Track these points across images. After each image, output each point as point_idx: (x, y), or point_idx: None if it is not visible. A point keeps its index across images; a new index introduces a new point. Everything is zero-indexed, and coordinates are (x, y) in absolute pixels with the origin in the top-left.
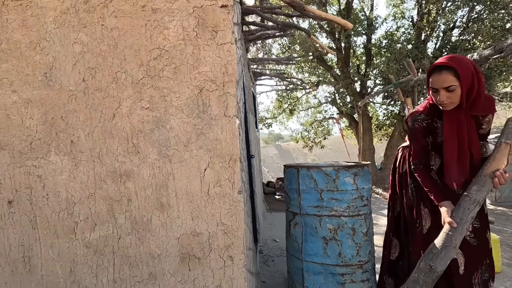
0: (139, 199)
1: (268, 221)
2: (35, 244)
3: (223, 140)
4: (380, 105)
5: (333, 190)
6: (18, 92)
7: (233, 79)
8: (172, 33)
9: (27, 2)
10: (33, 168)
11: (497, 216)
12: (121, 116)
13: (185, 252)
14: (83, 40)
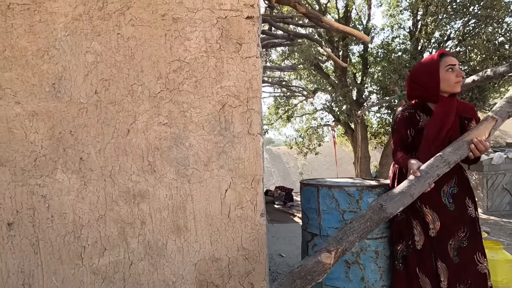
0: (154, 221)
1: (271, 234)
2: (36, 271)
3: (246, 159)
4: (375, 113)
5: (356, 211)
6: (22, 103)
7: (257, 95)
8: (193, 44)
9: (35, 6)
10: (37, 187)
11: (491, 226)
12: (136, 132)
13: (203, 279)
14: (97, 49)
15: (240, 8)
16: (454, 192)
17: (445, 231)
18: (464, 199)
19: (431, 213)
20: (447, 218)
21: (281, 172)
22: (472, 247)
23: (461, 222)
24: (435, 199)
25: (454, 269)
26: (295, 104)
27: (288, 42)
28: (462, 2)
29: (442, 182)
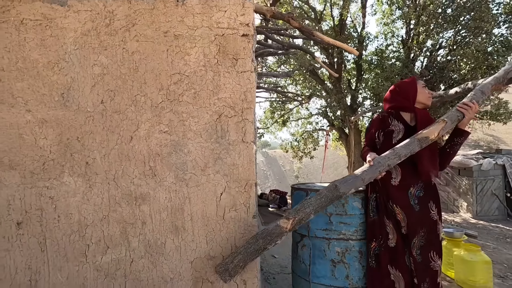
0: (154, 222)
1: None
2: (43, 267)
3: (240, 165)
4: (368, 119)
5: (342, 214)
6: (32, 111)
7: (251, 106)
8: (193, 59)
9: (46, 22)
10: (45, 189)
11: (479, 230)
12: (139, 139)
13: (199, 276)
14: (103, 62)
15: (237, 26)
16: (420, 195)
17: (411, 230)
18: (428, 202)
19: (401, 212)
20: (413, 218)
21: (277, 175)
22: (428, 246)
23: (423, 223)
24: (404, 200)
25: (418, 267)
26: (290, 108)
27: (283, 52)
28: (452, 13)
29: (409, 185)
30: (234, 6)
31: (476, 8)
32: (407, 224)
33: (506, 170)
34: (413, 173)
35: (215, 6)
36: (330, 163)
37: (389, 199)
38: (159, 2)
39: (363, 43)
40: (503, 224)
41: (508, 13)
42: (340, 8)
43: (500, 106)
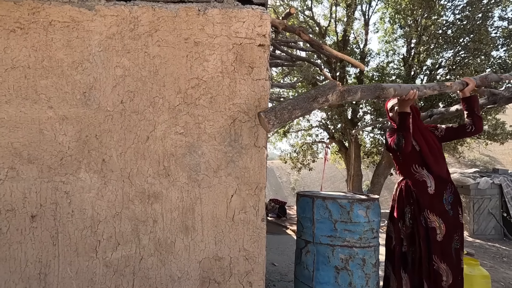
0: (165, 221)
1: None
2: (53, 261)
3: (251, 168)
4: (368, 133)
5: (347, 221)
6: (54, 108)
7: None
8: (211, 65)
9: (74, 24)
10: (61, 184)
11: (476, 249)
12: (155, 139)
13: (206, 276)
14: (125, 65)
15: (254, 37)
16: (451, 200)
17: (448, 236)
18: (457, 206)
19: (437, 219)
20: (448, 223)
21: (273, 186)
22: (461, 248)
23: (457, 227)
24: (440, 206)
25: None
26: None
27: (289, 63)
28: (453, 34)
29: (443, 191)
30: (253, 17)
31: (476, 30)
32: (445, 230)
33: (502, 189)
34: (442, 179)
35: (234, 17)
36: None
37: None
38: (181, 10)
39: (365, 59)
40: (499, 243)
41: (506, 37)
42: (344, 24)
43: (497, 127)
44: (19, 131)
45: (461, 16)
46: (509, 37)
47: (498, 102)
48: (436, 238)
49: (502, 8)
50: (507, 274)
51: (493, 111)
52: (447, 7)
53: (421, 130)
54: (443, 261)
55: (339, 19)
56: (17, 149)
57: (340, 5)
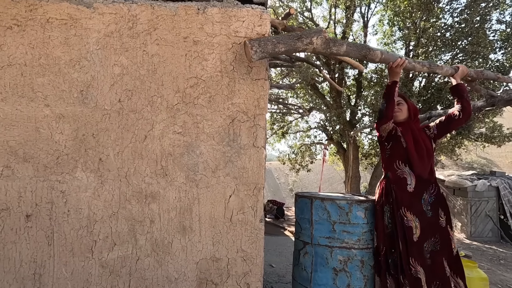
0: (162, 221)
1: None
2: (48, 261)
3: (249, 169)
4: (366, 135)
5: (346, 222)
6: (51, 106)
7: (263, 112)
8: (210, 64)
9: (72, 22)
10: (57, 183)
11: (473, 251)
12: (153, 138)
13: (203, 277)
14: (124, 63)
15: (253, 36)
16: (432, 201)
17: (422, 236)
18: (437, 209)
19: (414, 219)
20: (425, 223)
21: (271, 187)
22: (441, 253)
23: (435, 229)
24: (418, 206)
25: (431, 272)
26: (290, 120)
27: (288, 64)
28: (451, 37)
29: (423, 191)
30: (252, 17)
31: (474, 33)
32: (420, 230)
33: (500, 192)
34: (424, 179)
35: (234, 16)
36: (325, 178)
37: (401, 206)
38: (181, 9)
39: (364, 61)
40: (496, 246)
41: (504, 40)
42: (343, 26)
43: (495, 129)
44: (15, 129)
45: (459, 19)
46: (506, 40)
47: (496, 104)
48: (412, 238)
49: (500, 11)
50: (504, 277)
51: (491, 113)
52: (445, 10)
53: (414, 129)
54: (418, 263)
55: (338, 20)
56: (12, 148)
57: (339, 7)
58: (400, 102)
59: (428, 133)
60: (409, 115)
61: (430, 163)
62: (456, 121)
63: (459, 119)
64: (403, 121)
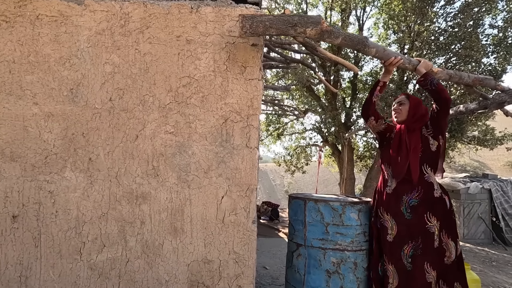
0: (153, 222)
1: (256, 247)
2: (35, 263)
3: (242, 169)
4: (361, 137)
5: (339, 224)
6: (40, 105)
7: (257, 113)
8: (203, 64)
9: (62, 19)
10: (45, 183)
11: (466, 253)
12: (144, 138)
13: (194, 279)
14: (115, 61)
15: (247, 36)
16: (413, 204)
17: (399, 238)
18: (424, 214)
19: (391, 219)
20: (402, 226)
21: (267, 189)
22: (423, 258)
23: (416, 232)
24: (395, 207)
25: (407, 276)
26: (285, 122)
27: (284, 65)
28: (444, 41)
29: (402, 193)
30: None
31: (467, 37)
32: (396, 231)
33: (492, 194)
34: (407, 182)
35: (227, 15)
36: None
37: (379, 206)
38: (174, 8)
39: (359, 63)
40: (488, 248)
41: (496, 44)
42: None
43: (487, 132)
44: (2, 127)
45: (453, 23)
46: (499, 44)
47: (489, 107)
48: (386, 237)
49: (492, 16)
50: (496, 278)
51: (483, 117)
52: (439, 14)
53: (404, 131)
54: (390, 263)
55: (334, 23)
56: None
57: (335, 10)
58: (403, 103)
59: (426, 133)
60: (407, 116)
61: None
62: (438, 115)
63: (439, 111)
64: (403, 122)
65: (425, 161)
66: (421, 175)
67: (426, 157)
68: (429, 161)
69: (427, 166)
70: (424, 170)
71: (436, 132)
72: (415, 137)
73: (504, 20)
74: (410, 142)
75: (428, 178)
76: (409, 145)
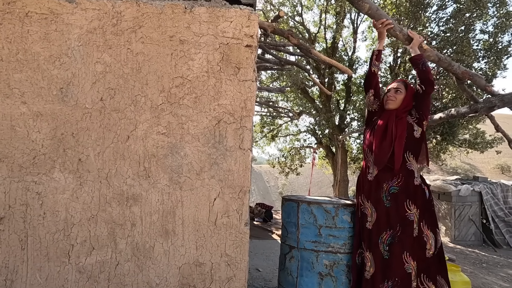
0: (144, 224)
1: (249, 249)
2: (21, 267)
3: (235, 171)
4: (355, 139)
5: (332, 226)
6: (28, 104)
7: (250, 114)
8: (196, 64)
9: (52, 16)
10: (32, 184)
11: (457, 255)
12: (136, 138)
13: (185, 282)
14: (106, 61)
15: (241, 37)
16: (393, 192)
17: (378, 225)
18: (404, 201)
19: (371, 206)
20: (381, 213)
21: (261, 190)
22: (402, 246)
23: (394, 220)
24: (376, 194)
25: (384, 264)
26: (280, 124)
27: (278, 67)
28: (437, 45)
29: (383, 180)
30: (240, 17)
31: (459, 42)
32: (375, 219)
33: (482, 197)
34: (388, 170)
35: (221, 16)
36: (314, 181)
37: (361, 193)
38: (167, 7)
39: (353, 66)
40: (479, 249)
41: (487, 49)
42: (334, 31)
43: (478, 136)
44: None
45: (445, 28)
46: (489, 49)
47: (479, 111)
48: (365, 225)
49: (483, 21)
50: (486, 280)
51: (474, 120)
52: (432, 19)
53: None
54: (368, 250)
55: (329, 26)
56: None
57: (329, 13)
58: (399, 90)
59: (411, 119)
60: (400, 106)
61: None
62: (422, 96)
63: (424, 92)
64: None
65: (408, 148)
66: (403, 163)
67: (410, 144)
68: (412, 148)
69: (409, 153)
70: (407, 158)
71: (421, 117)
72: (402, 125)
73: (494, 26)
74: (396, 130)
75: (409, 166)
76: (395, 133)
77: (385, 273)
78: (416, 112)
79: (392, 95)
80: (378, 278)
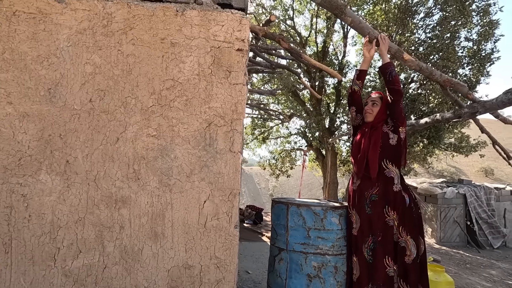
0: (133, 227)
1: (239, 251)
2: (4, 270)
3: (225, 174)
4: (344, 142)
5: (320, 229)
6: (14, 104)
7: (241, 117)
8: (187, 67)
9: (41, 16)
10: (17, 186)
11: (442, 256)
12: (125, 140)
13: (174, 285)
14: (96, 62)
15: (232, 41)
16: (374, 199)
17: (361, 231)
18: (383, 208)
19: (355, 214)
20: (363, 220)
21: (251, 192)
22: (383, 251)
23: (376, 226)
24: (359, 202)
25: (368, 268)
26: (271, 126)
27: (269, 70)
28: (424, 51)
29: (364, 189)
30: (232, 22)
31: (444, 49)
32: (359, 226)
33: (467, 199)
34: (368, 179)
35: (213, 20)
36: (305, 183)
37: (348, 202)
38: (159, 10)
39: (343, 71)
40: (463, 250)
41: (471, 56)
42: (324, 36)
43: (463, 140)
44: None
45: (431, 35)
46: (473, 56)
47: (462, 116)
48: (351, 231)
49: (467, 29)
50: (469, 280)
51: (459, 124)
52: (419, 25)
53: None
54: (355, 255)
55: (320, 30)
56: None
57: (320, 17)
58: (375, 103)
59: (387, 128)
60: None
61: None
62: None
63: (393, 102)
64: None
65: (385, 156)
66: (381, 171)
67: (386, 152)
68: (389, 155)
69: (387, 161)
70: (384, 166)
71: (395, 124)
72: (376, 134)
73: (478, 34)
74: (370, 139)
75: (388, 173)
76: (367, 144)
77: (369, 277)
78: (391, 120)
79: (369, 108)
80: (364, 282)
